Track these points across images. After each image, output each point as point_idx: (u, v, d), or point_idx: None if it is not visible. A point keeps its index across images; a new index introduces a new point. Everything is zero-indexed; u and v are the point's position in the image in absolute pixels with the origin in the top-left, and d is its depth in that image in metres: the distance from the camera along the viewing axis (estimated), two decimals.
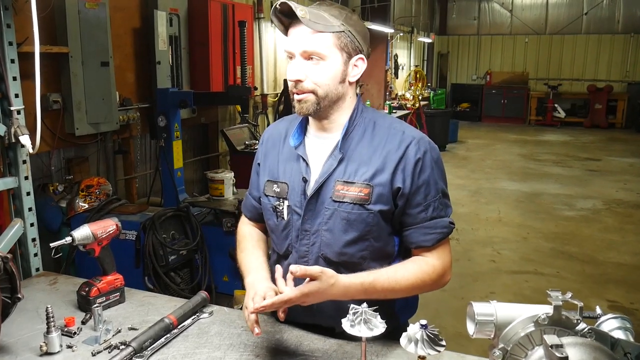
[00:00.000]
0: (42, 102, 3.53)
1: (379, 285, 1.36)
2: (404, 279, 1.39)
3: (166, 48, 4.50)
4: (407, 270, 1.41)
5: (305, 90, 1.39)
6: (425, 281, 1.42)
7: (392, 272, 1.39)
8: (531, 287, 4.35)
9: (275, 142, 1.57)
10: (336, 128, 1.47)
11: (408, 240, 1.46)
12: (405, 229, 1.45)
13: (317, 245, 1.45)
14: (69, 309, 1.62)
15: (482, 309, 1.00)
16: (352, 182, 1.41)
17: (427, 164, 1.42)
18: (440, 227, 1.43)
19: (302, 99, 1.40)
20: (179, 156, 4.24)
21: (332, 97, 1.41)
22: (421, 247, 1.44)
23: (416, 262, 1.44)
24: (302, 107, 1.41)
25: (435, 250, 1.44)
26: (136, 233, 3.25)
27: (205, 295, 1.63)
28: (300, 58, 1.38)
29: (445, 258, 1.45)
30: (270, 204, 1.52)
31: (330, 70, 1.39)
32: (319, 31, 1.35)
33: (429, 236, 1.42)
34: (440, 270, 1.44)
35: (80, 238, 1.57)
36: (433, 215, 1.42)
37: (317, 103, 1.40)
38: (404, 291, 1.40)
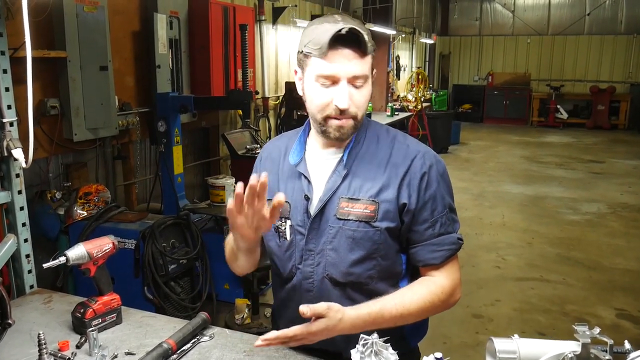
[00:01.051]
0: (40, 108, 3.52)
1: (387, 314, 1.29)
2: (412, 304, 1.32)
3: (166, 51, 4.43)
4: (415, 294, 1.34)
5: (349, 116, 1.31)
6: (435, 303, 1.35)
7: (399, 297, 1.32)
8: (537, 295, 4.28)
9: (275, 160, 1.50)
10: (341, 145, 1.40)
11: (415, 259, 1.39)
12: (412, 247, 1.39)
13: (322, 266, 1.38)
14: (64, 331, 1.55)
15: (504, 346, 0.93)
16: (357, 199, 1.34)
17: (433, 179, 1.36)
18: (448, 244, 1.37)
19: (344, 125, 1.32)
20: (179, 162, 4.18)
21: (363, 118, 1.37)
22: (429, 265, 1.38)
23: (423, 283, 1.38)
24: (342, 133, 1.33)
25: (444, 268, 1.38)
26: (135, 242, 3.18)
27: (206, 316, 1.56)
28: (345, 83, 1.29)
29: (454, 276, 1.39)
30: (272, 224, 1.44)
31: (369, 92, 1.34)
32: (369, 54, 1.29)
33: (436, 253, 1.36)
34: (449, 290, 1.38)
35: (74, 258, 1.50)
36: (440, 231, 1.36)
37: (355, 127, 1.35)
38: (414, 316, 1.34)
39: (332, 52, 1.26)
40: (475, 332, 3.65)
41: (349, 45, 1.25)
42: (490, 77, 15.62)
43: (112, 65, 3.86)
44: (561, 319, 3.86)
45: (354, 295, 1.38)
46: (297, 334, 1.23)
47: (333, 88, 1.29)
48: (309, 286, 1.40)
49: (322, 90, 1.31)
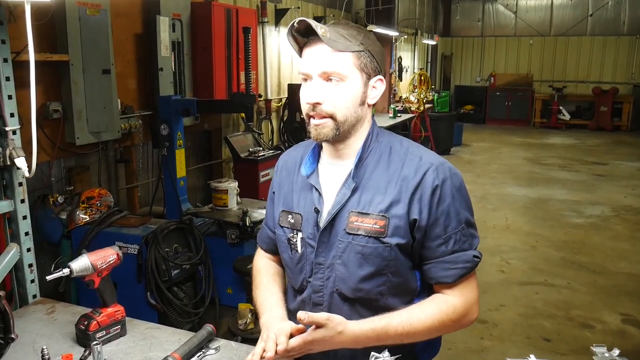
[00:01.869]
0: (42, 112, 3.49)
1: (392, 331, 1.26)
2: (420, 322, 1.28)
3: (169, 54, 4.41)
4: (423, 312, 1.30)
5: (323, 114, 1.29)
6: (445, 322, 1.30)
7: (406, 315, 1.28)
8: (542, 299, 4.25)
9: (290, 171, 1.48)
10: (351, 154, 1.37)
11: (427, 276, 1.35)
12: (425, 264, 1.35)
13: (331, 280, 1.35)
14: (67, 343, 1.53)
15: None
16: (367, 213, 1.31)
17: (447, 193, 1.30)
18: (462, 262, 1.31)
19: (320, 124, 1.30)
20: (182, 165, 4.15)
21: (351, 120, 1.32)
22: (441, 284, 1.33)
23: (434, 301, 1.33)
24: (319, 133, 1.30)
25: (457, 287, 1.33)
26: (138, 247, 3.16)
27: (212, 328, 1.54)
28: (318, 79, 1.28)
29: (470, 295, 1.34)
30: (285, 235, 1.43)
31: (351, 91, 1.29)
32: (339, 50, 1.26)
33: (449, 272, 1.31)
34: (462, 310, 1.32)
35: (78, 270, 1.47)
36: (454, 248, 1.31)
37: (336, 128, 1.30)
38: (421, 334, 1.30)
39: (307, 49, 1.30)
40: (480, 337, 3.62)
41: (317, 41, 1.26)
42: (492, 78, 15.58)
43: (115, 68, 3.84)
44: (567, 325, 3.83)
45: (363, 311, 1.35)
46: (293, 346, 1.21)
47: (308, 83, 1.31)
48: (318, 300, 1.38)
49: (302, 88, 1.33)
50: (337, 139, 1.33)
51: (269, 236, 1.56)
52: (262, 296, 1.46)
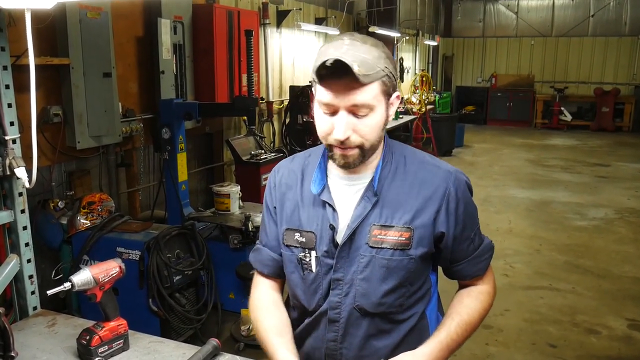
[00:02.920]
0: (43, 115, 3.46)
1: (454, 336, 1.31)
2: (471, 318, 1.35)
3: (170, 57, 4.38)
4: (470, 308, 1.36)
5: (352, 145, 1.24)
6: (487, 309, 1.40)
7: (457, 318, 1.34)
8: (547, 304, 4.21)
9: (291, 185, 1.41)
10: (367, 170, 1.33)
11: (461, 275, 1.41)
12: (457, 265, 1.39)
13: (351, 296, 1.32)
14: (69, 358, 1.49)
15: None
16: (391, 226, 1.28)
17: (467, 198, 1.35)
18: (487, 252, 1.41)
19: (348, 154, 1.25)
20: (184, 169, 4.12)
21: (376, 145, 1.29)
22: (475, 277, 1.41)
23: (471, 295, 1.40)
24: (347, 162, 1.27)
25: (485, 275, 1.43)
26: (140, 253, 3.12)
27: (216, 343, 1.50)
28: (345, 112, 1.21)
29: (492, 277, 1.46)
30: (294, 255, 1.36)
31: (378, 120, 1.24)
32: (370, 82, 1.19)
33: (480, 264, 1.40)
34: (493, 292, 1.44)
35: (80, 284, 1.44)
36: (478, 243, 1.39)
37: (363, 155, 1.27)
38: (476, 328, 1.37)
39: (330, 80, 1.19)
40: (485, 343, 3.58)
41: (344, 74, 1.15)
42: (493, 78, 15.54)
43: (116, 72, 3.81)
44: (572, 330, 3.79)
45: (382, 325, 1.34)
46: None
47: (334, 117, 1.22)
48: (335, 317, 1.34)
49: (325, 118, 1.24)
50: (362, 164, 1.31)
51: (272, 258, 1.44)
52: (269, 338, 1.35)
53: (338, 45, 1.20)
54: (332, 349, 1.35)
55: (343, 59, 1.13)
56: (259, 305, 1.45)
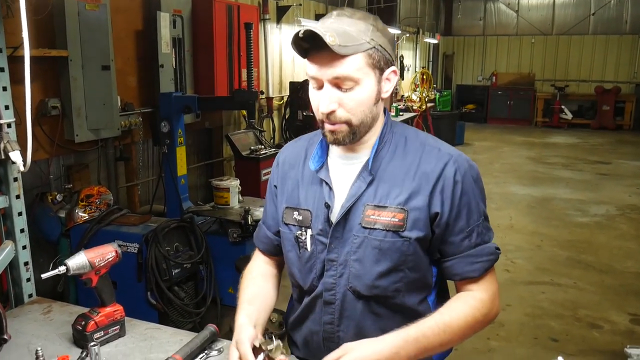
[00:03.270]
0: (40, 108, 3.43)
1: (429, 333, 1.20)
2: (453, 321, 1.22)
3: (169, 51, 4.35)
4: (454, 311, 1.25)
5: (338, 120, 1.22)
6: (477, 318, 1.26)
7: (437, 316, 1.23)
8: (548, 299, 4.18)
9: (294, 164, 1.41)
10: (364, 149, 1.31)
11: (451, 272, 1.30)
12: (447, 260, 1.29)
13: (344, 278, 1.29)
14: (64, 344, 1.47)
15: None
16: (384, 207, 1.24)
17: (468, 185, 1.26)
18: (486, 255, 1.28)
19: (336, 130, 1.23)
20: (183, 163, 4.09)
21: (367, 122, 1.25)
22: (467, 279, 1.28)
23: (460, 299, 1.29)
24: (336, 138, 1.24)
25: (482, 280, 1.29)
26: (138, 246, 3.10)
27: (214, 329, 1.47)
28: (329, 86, 1.20)
29: (493, 288, 1.32)
30: (292, 233, 1.35)
31: (365, 94, 1.21)
32: (349, 54, 1.16)
33: (475, 265, 1.27)
34: (489, 304, 1.29)
35: (75, 267, 1.41)
36: (477, 241, 1.27)
37: (352, 133, 1.24)
38: (459, 335, 1.24)
39: (314, 53, 1.19)
40: (486, 338, 3.55)
41: (325, 46, 1.13)
42: (494, 77, 15.51)
43: (115, 65, 3.78)
44: (574, 325, 3.76)
45: (378, 309, 1.30)
46: None
47: (320, 91, 1.22)
48: (330, 298, 1.31)
49: (314, 92, 1.24)
50: (354, 142, 1.27)
51: (267, 236, 1.49)
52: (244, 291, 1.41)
53: (325, 19, 1.22)
54: (330, 332, 1.33)
55: (315, 30, 1.12)
56: (247, 275, 1.48)
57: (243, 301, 1.38)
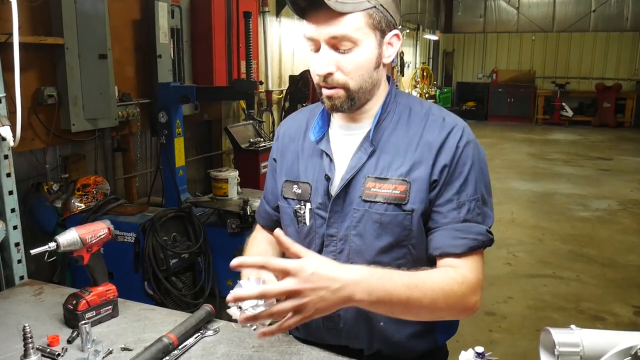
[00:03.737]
0: (36, 97, 3.38)
1: (397, 278, 1.06)
2: (425, 284, 1.08)
3: (167, 41, 4.30)
4: (429, 275, 1.12)
5: (335, 84, 1.16)
6: (451, 293, 1.10)
7: (412, 273, 1.10)
8: (551, 292, 4.14)
9: (294, 137, 1.36)
10: (366, 118, 1.25)
11: (433, 246, 1.18)
12: (431, 231, 1.19)
13: (345, 254, 1.23)
14: (54, 325, 1.42)
15: (564, 338, 0.79)
16: (386, 179, 1.19)
17: (468, 156, 1.19)
18: (474, 233, 1.16)
19: (333, 95, 1.17)
20: (181, 154, 4.04)
21: (366, 87, 1.19)
22: (447, 255, 1.16)
23: (441, 269, 1.17)
24: (333, 104, 1.18)
25: (464, 262, 1.15)
26: (135, 235, 3.05)
27: (210, 309, 1.43)
28: (326, 47, 1.14)
29: (476, 274, 1.16)
30: (290, 207, 1.30)
31: (364, 57, 1.15)
32: (347, 12, 1.11)
33: (458, 241, 1.15)
34: (471, 283, 1.13)
35: (66, 244, 1.36)
36: (467, 217, 1.17)
37: (350, 98, 1.18)
38: (427, 300, 1.08)
39: (311, 12, 1.14)
40: (488, 330, 3.51)
41: (323, 4, 1.08)
42: (494, 74, 15.45)
43: (112, 54, 3.72)
44: (577, 317, 3.72)
45: None
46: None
47: (317, 53, 1.17)
48: None
49: (312, 56, 1.19)
50: (352, 109, 1.21)
51: (267, 211, 1.46)
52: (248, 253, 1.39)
53: None
54: None
55: None
56: (251, 242, 1.45)
57: (251, 255, 1.36)
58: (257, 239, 1.46)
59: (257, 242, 1.45)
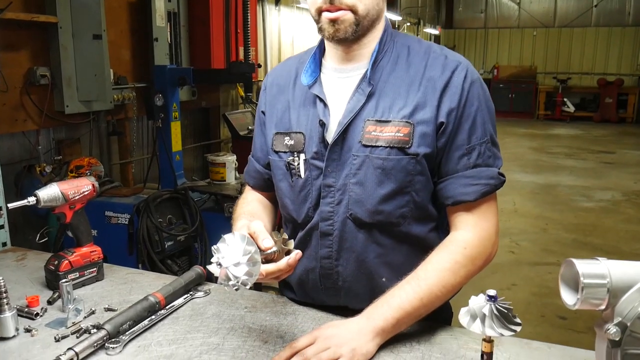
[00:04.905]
0: (29, 76, 3.30)
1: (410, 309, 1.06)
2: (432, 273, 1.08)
3: (164, 24, 4.22)
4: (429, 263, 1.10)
5: (342, 6, 1.07)
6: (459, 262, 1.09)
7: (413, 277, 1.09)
8: (555, 279, 3.96)
9: (283, 86, 1.27)
10: (363, 57, 1.17)
11: (444, 195, 1.14)
12: (441, 181, 1.14)
13: (343, 204, 1.15)
14: (35, 287, 1.34)
15: (590, 269, 0.71)
16: (387, 121, 1.10)
17: (475, 96, 1.12)
18: (485, 178, 1.11)
19: (338, 18, 1.08)
20: (178, 138, 3.96)
21: (372, 15, 1.11)
22: (459, 203, 1.12)
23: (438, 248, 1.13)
24: (337, 29, 1.09)
25: (477, 209, 1.12)
26: (129, 216, 2.97)
27: (201, 270, 1.35)
28: None
29: (488, 223, 1.13)
30: (282, 160, 1.21)
31: None
32: None
33: (470, 188, 1.10)
34: (478, 244, 1.11)
35: (46, 199, 1.28)
36: (478, 162, 1.11)
37: (356, 23, 1.09)
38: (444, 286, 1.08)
39: None
40: None
41: None
42: (495, 70, 15.36)
43: (107, 36, 3.64)
44: None
45: (381, 239, 1.15)
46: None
47: None
48: (327, 229, 1.17)
49: None
50: (354, 37, 1.12)
51: (257, 170, 1.35)
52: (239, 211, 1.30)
53: None
54: (327, 267, 1.19)
55: None
56: (240, 202, 1.35)
57: (241, 213, 1.26)
58: (247, 198, 1.37)
59: (248, 201, 1.35)
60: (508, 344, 1.07)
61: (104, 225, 3.06)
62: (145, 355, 1.03)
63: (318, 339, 1.00)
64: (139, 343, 1.07)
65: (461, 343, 1.08)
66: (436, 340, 1.09)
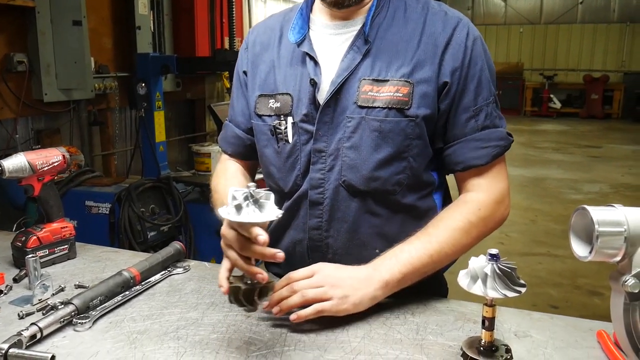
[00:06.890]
0: (5, 63, 3.19)
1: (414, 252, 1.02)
2: (444, 231, 1.04)
3: (147, 12, 4.12)
4: (441, 220, 1.06)
5: None
6: (472, 222, 1.05)
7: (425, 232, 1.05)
8: (546, 269, 4.02)
9: (267, 44, 1.19)
10: (356, 13, 1.10)
11: (453, 161, 1.08)
12: (449, 146, 1.08)
13: (336, 171, 1.07)
14: (2, 266, 1.25)
15: (605, 215, 0.65)
16: (385, 80, 1.03)
17: (478, 55, 1.06)
18: (495, 139, 1.07)
19: None
20: (161, 129, 3.86)
21: None
22: (471, 168, 1.07)
23: (451, 206, 1.09)
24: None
25: (489, 172, 1.08)
26: (110, 205, 2.87)
27: (180, 246, 1.26)
28: None
29: (500, 185, 1.09)
30: (267, 125, 1.13)
31: None
32: None
33: (481, 151, 1.05)
34: (492, 205, 1.07)
35: (12, 169, 1.19)
36: (486, 123, 1.06)
37: None
38: (455, 246, 1.04)
39: None
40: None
41: None
42: None
43: (88, 23, 3.53)
44: (574, 292, 3.61)
45: (376, 208, 1.08)
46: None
47: None
48: (317, 198, 1.09)
49: None
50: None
51: (236, 135, 1.25)
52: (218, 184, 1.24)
53: None
54: (316, 239, 1.11)
55: None
56: (220, 174, 1.27)
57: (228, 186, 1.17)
58: (230, 169, 1.27)
59: (230, 174, 1.26)
60: (508, 314, 1.01)
61: (84, 215, 2.95)
62: (117, 331, 0.95)
63: (315, 274, 0.97)
64: (110, 319, 0.99)
65: (458, 315, 1.01)
66: (432, 312, 1.03)
